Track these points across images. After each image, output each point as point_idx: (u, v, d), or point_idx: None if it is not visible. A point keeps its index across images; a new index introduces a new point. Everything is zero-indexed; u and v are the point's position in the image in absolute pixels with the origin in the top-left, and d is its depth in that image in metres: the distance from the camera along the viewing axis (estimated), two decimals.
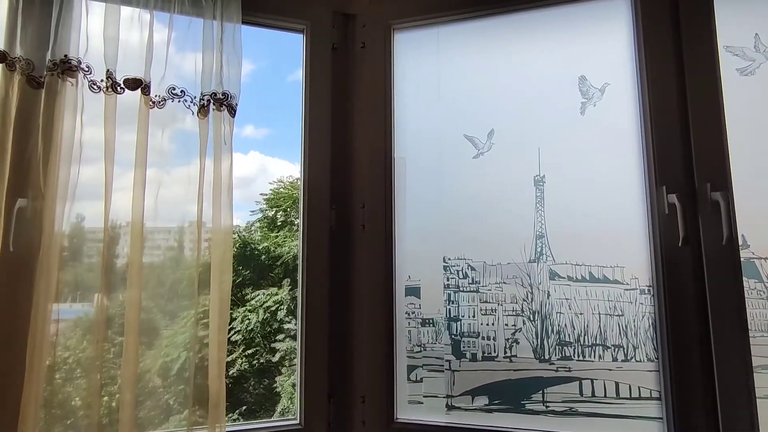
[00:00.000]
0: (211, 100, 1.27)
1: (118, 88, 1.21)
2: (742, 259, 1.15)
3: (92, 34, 1.22)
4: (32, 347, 1.09)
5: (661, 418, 1.18)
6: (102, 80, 1.21)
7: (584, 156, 1.32)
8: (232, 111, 1.30)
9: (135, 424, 1.16)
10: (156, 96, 1.25)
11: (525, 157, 1.36)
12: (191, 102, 1.28)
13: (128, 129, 1.24)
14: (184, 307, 1.28)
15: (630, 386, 1.22)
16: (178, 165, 1.30)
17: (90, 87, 1.21)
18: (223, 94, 1.28)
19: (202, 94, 1.27)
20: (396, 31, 1.51)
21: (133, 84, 1.22)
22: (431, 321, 1.38)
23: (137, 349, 1.17)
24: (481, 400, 1.31)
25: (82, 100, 1.20)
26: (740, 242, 1.16)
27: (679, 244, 1.16)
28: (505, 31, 1.44)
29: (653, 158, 1.22)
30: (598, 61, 1.34)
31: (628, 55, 1.31)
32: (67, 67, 1.18)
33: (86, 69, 1.21)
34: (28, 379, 1.08)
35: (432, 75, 1.48)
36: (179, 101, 1.27)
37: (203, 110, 1.27)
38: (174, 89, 1.27)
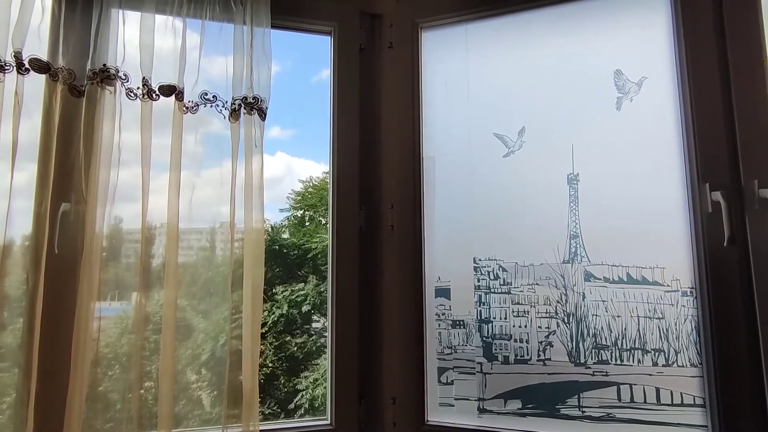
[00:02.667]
0: (242, 105, 1.30)
1: (154, 95, 1.25)
2: None
3: (128, 42, 1.26)
4: (77, 344, 1.13)
5: (705, 426, 1.13)
6: (138, 87, 1.24)
7: (620, 152, 1.27)
8: (263, 114, 1.31)
9: (173, 418, 1.19)
10: (189, 102, 1.29)
11: (558, 155, 1.32)
12: (222, 106, 1.31)
13: (163, 133, 1.28)
14: (217, 305, 1.31)
15: (671, 392, 1.17)
16: (209, 167, 1.33)
17: (127, 94, 1.25)
18: (254, 98, 1.30)
19: (233, 98, 1.30)
20: (423, 29, 1.50)
21: (168, 90, 1.26)
22: (462, 323, 1.36)
23: (174, 346, 1.20)
24: (514, 404, 1.29)
25: (120, 107, 1.24)
26: None
27: (725, 244, 1.11)
28: (536, 26, 1.40)
29: (695, 154, 1.17)
30: (635, 54, 1.29)
31: (666, 47, 1.25)
32: (105, 76, 1.22)
33: (123, 77, 1.25)
34: (74, 375, 1.12)
35: (460, 73, 1.46)
36: (211, 106, 1.30)
37: (234, 114, 1.29)
38: (206, 94, 1.30)
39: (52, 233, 1.18)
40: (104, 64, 1.22)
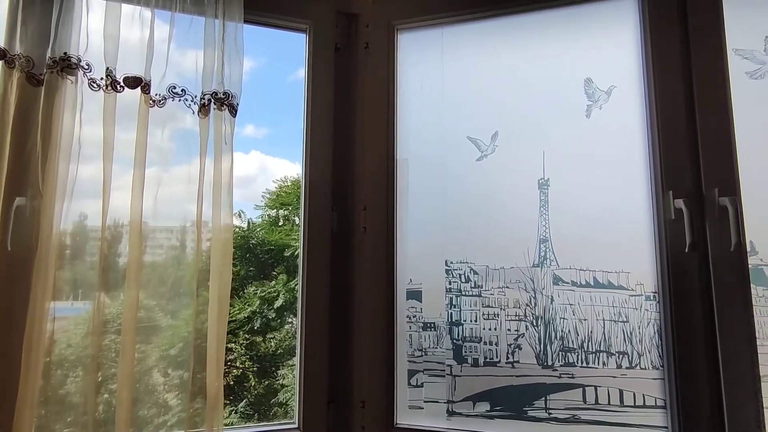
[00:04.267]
0: (212, 100, 1.26)
1: (118, 86, 1.20)
2: (750, 266, 1.13)
3: (92, 31, 1.21)
4: (28, 346, 1.08)
5: (666, 427, 1.16)
6: (101, 78, 1.19)
7: (590, 159, 1.30)
8: (233, 111, 1.28)
9: (131, 422, 1.15)
10: (156, 95, 1.24)
11: (529, 160, 1.34)
12: (192, 101, 1.27)
13: (129, 127, 1.23)
14: (186, 305, 1.27)
15: (634, 394, 1.20)
16: (178, 164, 1.29)
17: (89, 85, 1.20)
18: (225, 93, 1.27)
19: (203, 93, 1.26)
20: (399, 31, 1.49)
21: (133, 82, 1.21)
22: (432, 325, 1.36)
23: (134, 348, 1.16)
24: (483, 406, 1.29)
25: (82, 98, 1.19)
26: (748, 249, 1.14)
27: (686, 250, 1.14)
28: (511, 32, 1.42)
29: (660, 162, 1.20)
30: (605, 63, 1.32)
31: (635, 57, 1.29)
32: (66, 65, 1.17)
33: (86, 67, 1.19)
34: (24, 378, 1.07)
35: (436, 76, 1.46)
36: (180, 100, 1.26)
37: (204, 109, 1.26)
38: (174, 88, 1.26)
39: (4, 229, 1.12)
40: (65, 53, 1.17)
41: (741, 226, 1.12)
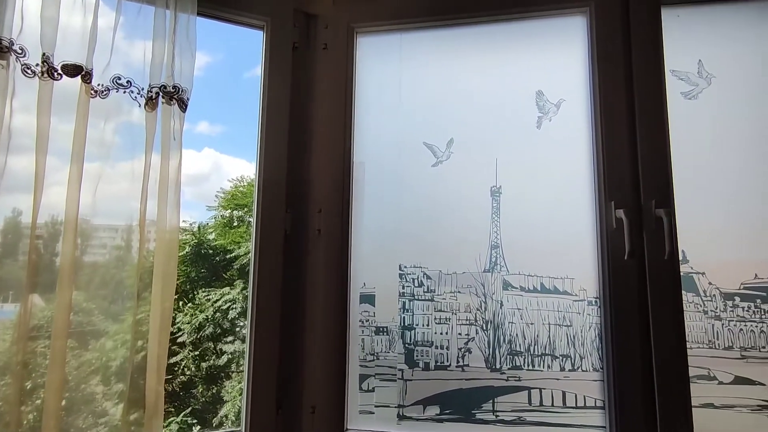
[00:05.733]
0: (161, 93, 1.20)
1: (56, 74, 1.12)
2: (681, 274, 1.20)
3: (28, 13, 1.13)
4: None
5: (604, 427, 1.21)
6: (37, 64, 1.11)
7: (539, 169, 1.35)
8: (183, 105, 1.23)
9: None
10: (99, 85, 1.17)
11: (483, 168, 1.37)
12: (138, 94, 1.20)
13: (68, 119, 1.15)
14: (129, 308, 1.20)
15: (576, 395, 1.25)
16: (123, 160, 1.23)
17: (23, 71, 1.11)
18: (174, 87, 1.22)
19: (150, 85, 1.20)
20: (359, 34, 1.49)
21: (73, 71, 1.14)
22: (385, 329, 1.36)
23: (65, 354, 1.08)
24: (433, 410, 1.30)
25: (14, 84, 1.10)
26: (680, 257, 1.22)
27: (625, 258, 1.20)
28: (467, 41, 1.45)
29: (603, 174, 1.27)
30: (555, 77, 1.37)
31: (582, 73, 1.35)
32: None
33: (19, 51, 1.11)
34: None
35: (394, 81, 1.47)
36: (125, 92, 1.20)
37: (151, 103, 1.20)
38: (119, 79, 1.19)
39: None
40: None
41: (674, 236, 1.19)
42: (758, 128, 1.26)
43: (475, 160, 1.38)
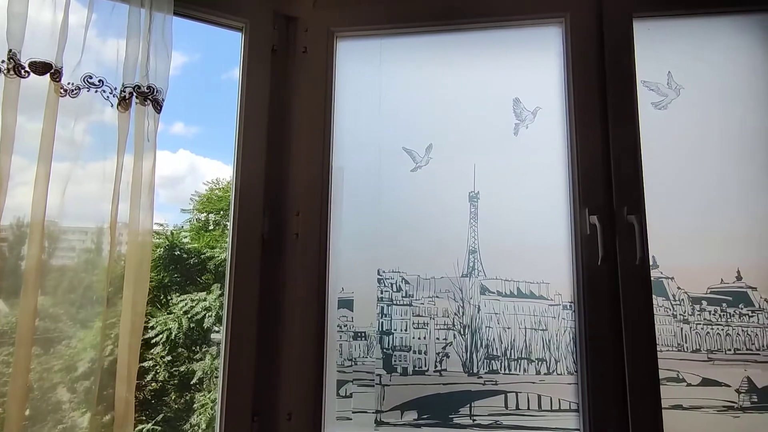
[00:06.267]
0: (134, 93, 1.17)
1: (23, 71, 1.08)
2: (652, 279, 1.24)
3: None
4: None
5: (578, 429, 1.23)
6: (3, 61, 1.07)
7: (516, 175, 1.37)
8: (158, 106, 1.20)
9: None
10: (69, 84, 1.14)
11: (461, 173, 1.38)
12: (111, 93, 1.17)
13: (36, 117, 1.11)
14: (98, 315, 1.16)
15: (551, 399, 1.26)
16: (93, 160, 1.19)
17: None
18: (149, 87, 1.19)
19: (123, 85, 1.17)
20: (339, 38, 1.49)
21: (42, 68, 1.10)
22: (363, 334, 1.36)
23: (29, 361, 1.04)
24: (411, 415, 1.30)
25: None
26: (651, 262, 1.25)
27: (599, 263, 1.23)
28: (446, 48, 1.47)
29: (577, 181, 1.29)
30: (532, 85, 1.40)
31: (558, 81, 1.38)
32: None
33: None
34: None
35: (373, 85, 1.47)
36: (96, 91, 1.16)
37: (124, 103, 1.17)
38: (91, 78, 1.16)
39: None
40: None
41: (645, 242, 1.23)
42: (725, 137, 1.31)
43: (454, 166, 1.39)
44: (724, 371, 1.22)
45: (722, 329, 1.24)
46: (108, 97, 1.17)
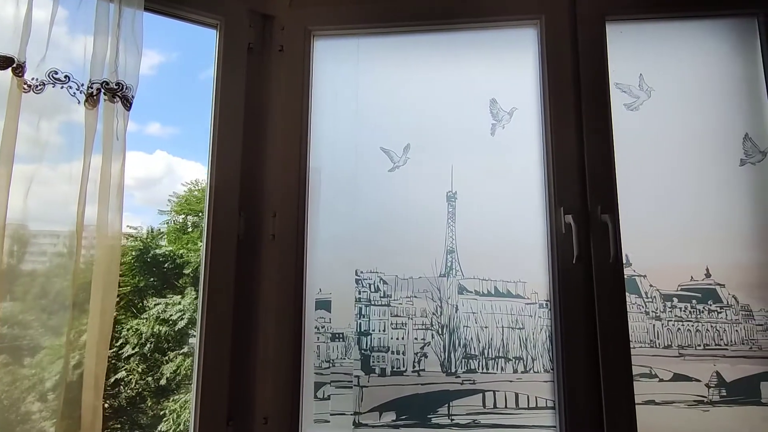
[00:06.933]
0: (102, 89, 1.14)
1: None
2: (625, 277, 1.26)
3: None
4: None
5: (554, 427, 1.24)
6: None
7: (493, 175, 1.37)
8: (128, 103, 1.17)
9: None
10: (33, 79, 1.09)
11: (439, 173, 1.39)
12: (77, 89, 1.13)
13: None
14: (70, 320, 1.12)
15: (528, 397, 1.27)
16: (62, 161, 1.15)
17: None
18: (117, 84, 1.15)
19: (91, 81, 1.13)
20: (316, 37, 1.48)
21: (3, 62, 1.05)
22: (341, 335, 1.34)
23: None
24: (389, 416, 1.29)
25: None
26: (624, 261, 1.27)
27: (573, 262, 1.25)
28: (424, 48, 1.47)
29: (553, 181, 1.31)
30: (509, 86, 1.41)
31: (534, 82, 1.39)
32: None
33: None
34: None
35: (350, 85, 1.46)
36: (62, 87, 1.12)
37: (92, 99, 1.13)
38: (56, 73, 1.12)
39: None
40: None
41: (618, 241, 1.25)
42: (694, 138, 1.35)
43: (432, 166, 1.39)
44: (694, 366, 1.25)
45: (692, 325, 1.27)
46: (75, 93, 1.13)
